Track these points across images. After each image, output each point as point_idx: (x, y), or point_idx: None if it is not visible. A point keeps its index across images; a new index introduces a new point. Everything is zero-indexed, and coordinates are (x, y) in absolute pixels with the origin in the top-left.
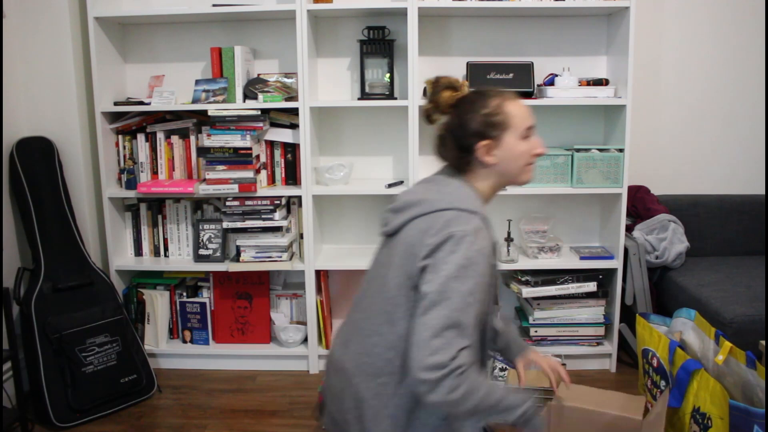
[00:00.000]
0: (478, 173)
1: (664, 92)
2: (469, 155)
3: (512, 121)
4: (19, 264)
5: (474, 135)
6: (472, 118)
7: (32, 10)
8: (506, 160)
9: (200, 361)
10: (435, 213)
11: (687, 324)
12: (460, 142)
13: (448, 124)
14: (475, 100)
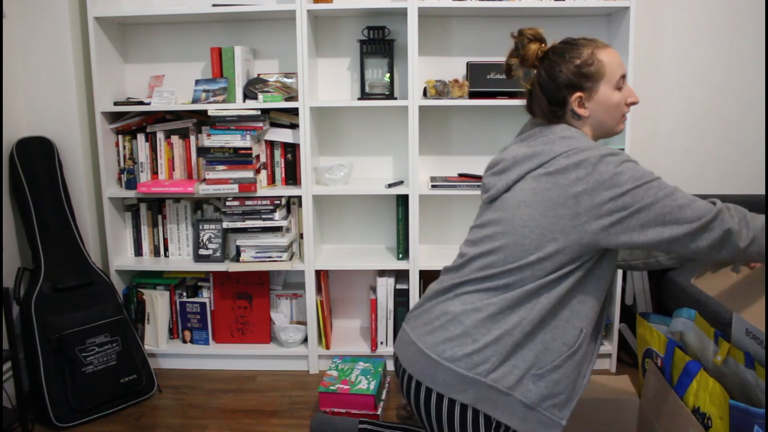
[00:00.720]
0: (572, 124)
1: (664, 92)
2: (562, 108)
3: (606, 70)
4: (19, 264)
5: (567, 87)
6: (564, 70)
7: (32, 10)
8: (601, 111)
9: (200, 361)
10: (557, 158)
11: (687, 324)
12: (552, 95)
13: (538, 78)
14: (566, 50)
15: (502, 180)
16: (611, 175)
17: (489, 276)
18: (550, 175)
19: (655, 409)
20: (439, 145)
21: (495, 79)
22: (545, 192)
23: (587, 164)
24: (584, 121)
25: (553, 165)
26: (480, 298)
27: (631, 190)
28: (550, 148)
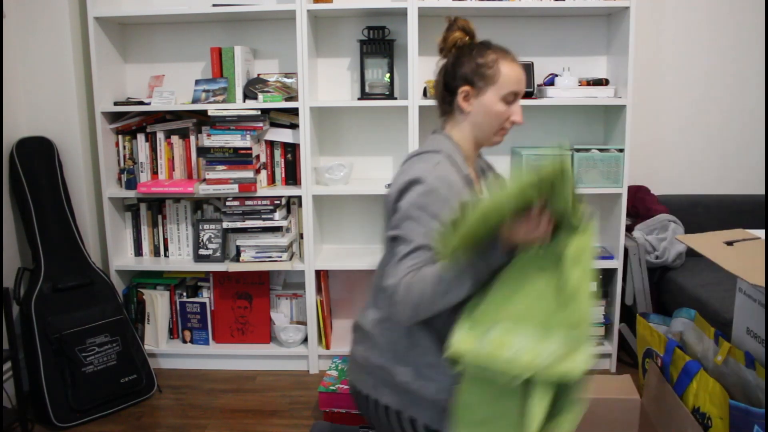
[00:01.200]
0: (456, 120)
1: (664, 92)
2: (452, 97)
3: (500, 79)
4: (19, 264)
5: (460, 78)
6: (465, 63)
7: (32, 10)
8: (481, 114)
9: (200, 361)
10: (404, 164)
11: (687, 324)
12: (448, 81)
13: (444, 64)
14: (476, 48)
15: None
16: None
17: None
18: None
19: (655, 408)
20: None
21: None
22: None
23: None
24: (465, 118)
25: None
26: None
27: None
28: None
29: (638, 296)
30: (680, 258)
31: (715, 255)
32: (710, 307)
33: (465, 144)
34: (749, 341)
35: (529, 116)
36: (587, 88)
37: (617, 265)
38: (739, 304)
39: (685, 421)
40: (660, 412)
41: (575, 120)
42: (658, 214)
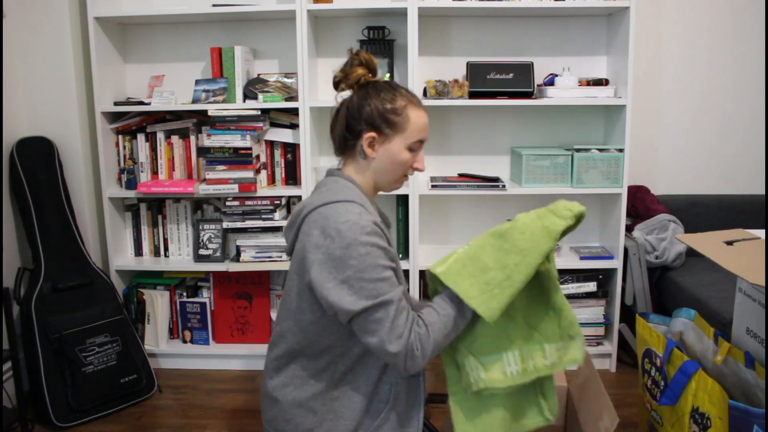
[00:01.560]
0: (357, 162)
1: (664, 92)
2: (354, 140)
3: (408, 127)
4: (19, 264)
5: (367, 122)
6: (372, 106)
7: (32, 10)
8: (386, 161)
9: (200, 361)
10: (312, 212)
11: (687, 324)
12: (351, 122)
13: (348, 101)
14: (383, 91)
15: (289, 235)
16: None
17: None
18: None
19: (579, 394)
20: (439, 145)
21: (495, 79)
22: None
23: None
24: (368, 163)
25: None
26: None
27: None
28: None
29: (638, 296)
30: (680, 258)
31: (715, 254)
32: (710, 307)
33: (367, 189)
34: (749, 341)
35: (529, 116)
36: (587, 88)
37: (617, 265)
38: (738, 304)
39: (604, 408)
40: (582, 398)
41: (575, 120)
42: (657, 214)
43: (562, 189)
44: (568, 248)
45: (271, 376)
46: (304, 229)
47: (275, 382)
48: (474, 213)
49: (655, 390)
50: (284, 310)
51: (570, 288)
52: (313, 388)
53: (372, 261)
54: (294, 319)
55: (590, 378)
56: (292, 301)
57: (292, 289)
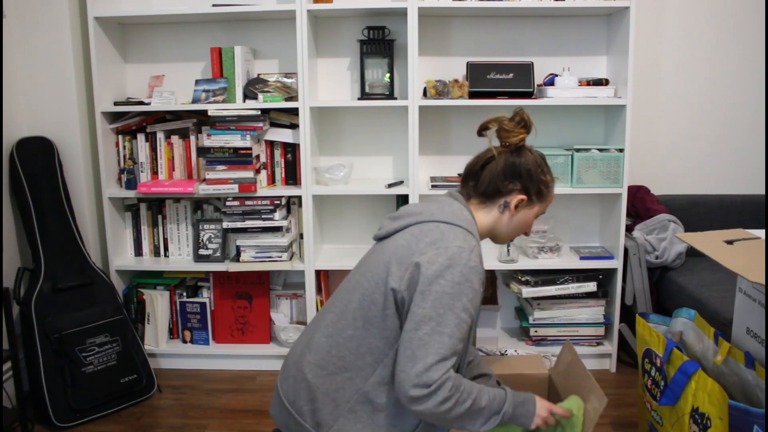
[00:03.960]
0: (489, 209)
1: (664, 92)
2: (503, 195)
3: (546, 201)
4: (19, 264)
5: (521, 186)
6: (531, 174)
7: (32, 10)
8: (518, 222)
9: (200, 361)
10: (431, 222)
11: (686, 324)
12: (506, 178)
13: (506, 157)
14: (541, 162)
15: (392, 224)
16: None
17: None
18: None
19: (562, 380)
20: (439, 145)
21: (495, 79)
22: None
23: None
24: (501, 216)
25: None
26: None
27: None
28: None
29: (638, 296)
30: (680, 258)
31: (716, 253)
32: (710, 307)
33: (483, 231)
34: (749, 341)
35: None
36: (587, 88)
37: (617, 265)
38: (738, 304)
39: (591, 391)
40: (567, 383)
41: (575, 120)
42: (657, 214)
43: (563, 189)
44: (568, 248)
45: (308, 351)
46: (416, 231)
47: (310, 358)
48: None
49: (655, 390)
50: (345, 297)
51: (570, 288)
52: (346, 382)
53: (458, 293)
54: (354, 310)
55: (573, 363)
56: (360, 288)
57: (375, 277)
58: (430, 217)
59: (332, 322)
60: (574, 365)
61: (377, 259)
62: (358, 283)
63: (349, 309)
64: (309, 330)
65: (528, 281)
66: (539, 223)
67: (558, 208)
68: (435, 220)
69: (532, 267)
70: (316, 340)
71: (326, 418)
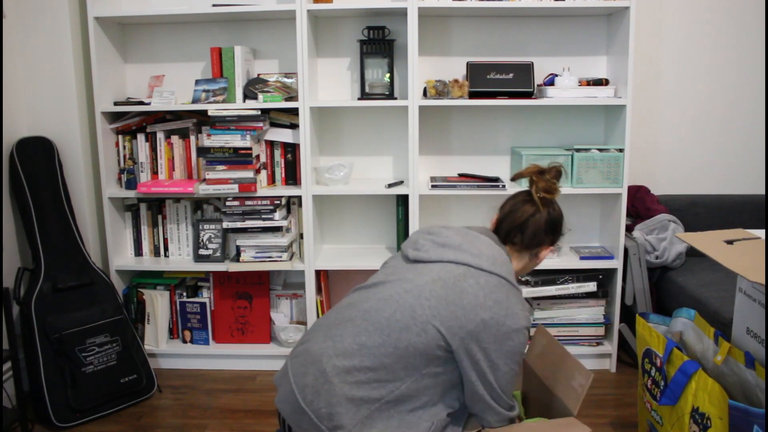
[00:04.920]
0: (522, 256)
1: (664, 92)
2: (540, 245)
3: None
4: (19, 264)
5: (550, 238)
6: (560, 227)
7: (32, 10)
8: (537, 262)
9: (200, 361)
10: (485, 272)
11: (687, 324)
12: (547, 233)
13: (548, 212)
14: (562, 219)
15: (434, 251)
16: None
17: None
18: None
19: (540, 363)
20: (439, 145)
21: (495, 79)
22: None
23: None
24: (530, 260)
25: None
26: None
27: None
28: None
29: (638, 296)
30: (680, 258)
31: (716, 253)
32: (710, 307)
33: (516, 274)
34: (749, 341)
35: (529, 116)
36: (587, 88)
37: (617, 265)
38: (738, 304)
39: (574, 368)
40: (545, 364)
41: (575, 120)
42: (657, 214)
43: (563, 189)
44: (568, 248)
45: (336, 354)
46: (468, 277)
47: (338, 362)
48: (474, 213)
49: (655, 390)
50: (380, 307)
51: (570, 288)
52: (371, 392)
53: (518, 354)
54: (386, 335)
55: (549, 346)
56: (397, 305)
57: (405, 296)
58: (478, 262)
59: (365, 330)
60: (550, 347)
61: (420, 284)
62: (395, 297)
63: (384, 322)
64: (333, 328)
65: (528, 281)
66: None
67: None
68: (486, 269)
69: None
70: (346, 345)
71: (346, 422)
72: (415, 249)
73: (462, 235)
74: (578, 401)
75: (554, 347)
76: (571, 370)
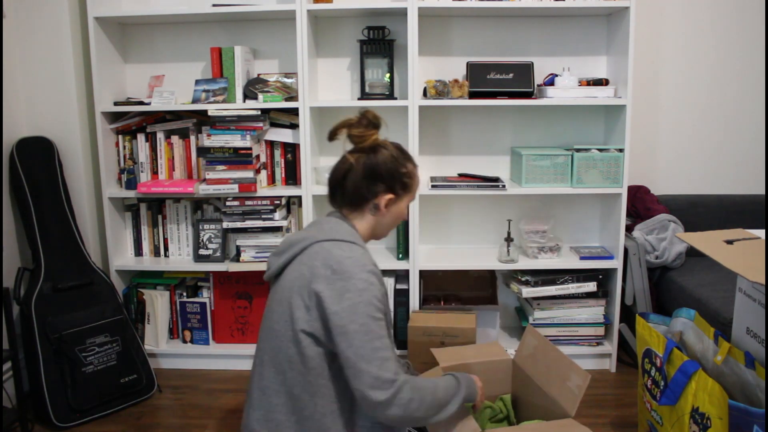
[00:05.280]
0: (364, 215)
1: (664, 92)
2: (368, 197)
3: (414, 188)
4: (19, 264)
5: (384, 184)
6: (390, 170)
7: (32, 10)
8: (391, 217)
9: (200, 361)
10: (314, 245)
11: (686, 324)
12: (368, 182)
13: (364, 161)
14: (398, 156)
15: (278, 260)
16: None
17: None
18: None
19: (531, 364)
20: (439, 145)
21: (495, 79)
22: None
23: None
24: (375, 217)
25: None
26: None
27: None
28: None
29: (638, 296)
30: (680, 258)
31: (716, 253)
32: (710, 307)
33: (364, 236)
34: (749, 341)
35: (529, 116)
36: (587, 88)
37: (617, 265)
38: (738, 304)
39: (569, 370)
40: (537, 365)
41: (575, 120)
42: (657, 214)
43: (562, 189)
44: (568, 248)
45: (252, 410)
46: (304, 259)
47: (257, 416)
48: (474, 213)
49: (655, 390)
50: (263, 346)
51: (570, 288)
52: (295, 425)
53: (368, 297)
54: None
55: (540, 347)
56: (272, 335)
57: (282, 317)
58: (312, 239)
59: (259, 374)
60: (543, 348)
61: (274, 305)
62: (269, 329)
63: (268, 359)
64: (250, 387)
65: (528, 281)
66: (539, 223)
67: (558, 208)
68: (317, 241)
69: (532, 267)
70: (255, 397)
71: None
72: (267, 275)
73: (302, 231)
74: (575, 402)
75: (546, 348)
76: (566, 371)
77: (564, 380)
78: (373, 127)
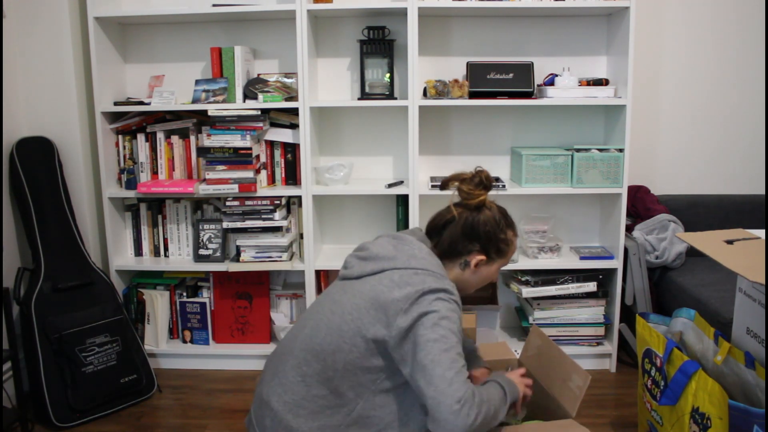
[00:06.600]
0: (453, 266)
1: (664, 92)
2: (462, 253)
3: (508, 256)
4: (19, 264)
5: (481, 246)
6: (488, 233)
7: (32, 10)
8: (479, 277)
9: (200, 361)
10: (408, 270)
11: (687, 324)
12: (465, 239)
13: (467, 216)
14: (501, 222)
15: (363, 266)
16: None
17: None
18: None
19: (535, 364)
20: (439, 145)
21: (495, 79)
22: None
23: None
24: (463, 273)
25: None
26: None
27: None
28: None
29: (638, 296)
30: (680, 258)
31: (716, 253)
32: (710, 307)
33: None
34: (749, 341)
35: (529, 116)
36: (587, 88)
37: (617, 265)
38: (738, 304)
39: (571, 370)
40: (541, 365)
41: (575, 120)
42: (657, 214)
43: (562, 189)
44: (568, 248)
45: (283, 391)
46: (395, 278)
47: (287, 398)
48: None
49: (655, 390)
50: (314, 335)
51: (570, 288)
52: (327, 419)
53: (450, 315)
54: (338, 344)
55: (544, 347)
56: (333, 329)
57: (339, 317)
58: (405, 264)
59: (304, 360)
60: (546, 348)
61: (344, 301)
62: (324, 321)
63: (318, 348)
64: (279, 364)
65: (528, 281)
66: (539, 223)
67: (558, 208)
68: (410, 267)
69: (532, 267)
70: (290, 378)
71: None
72: (344, 268)
73: (394, 245)
74: (576, 403)
75: (549, 348)
76: (568, 372)
77: (565, 380)
78: (484, 188)
